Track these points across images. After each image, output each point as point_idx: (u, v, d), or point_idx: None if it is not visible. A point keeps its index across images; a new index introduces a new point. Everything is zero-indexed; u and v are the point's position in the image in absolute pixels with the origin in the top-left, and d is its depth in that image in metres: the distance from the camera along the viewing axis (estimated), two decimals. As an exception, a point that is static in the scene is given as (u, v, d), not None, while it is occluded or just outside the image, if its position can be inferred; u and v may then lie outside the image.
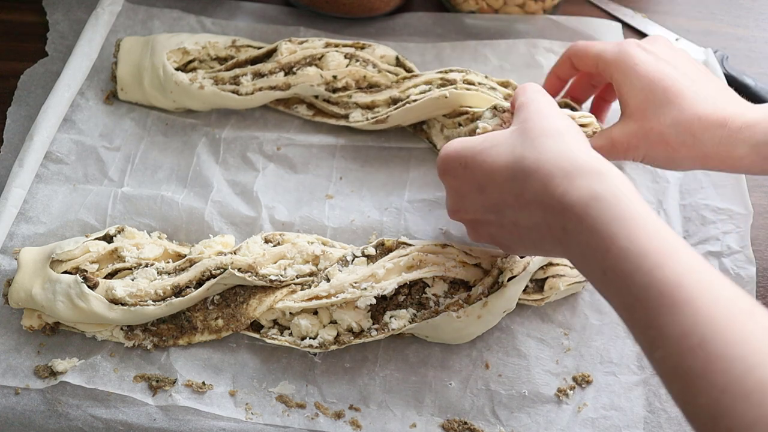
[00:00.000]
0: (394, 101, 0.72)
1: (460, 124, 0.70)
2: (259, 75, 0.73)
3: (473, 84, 0.71)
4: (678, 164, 0.60)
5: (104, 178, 0.71)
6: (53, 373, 0.60)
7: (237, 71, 0.73)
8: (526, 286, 0.63)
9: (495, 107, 0.64)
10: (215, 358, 0.62)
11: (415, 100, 0.70)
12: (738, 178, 0.70)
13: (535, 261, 0.61)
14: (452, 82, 0.71)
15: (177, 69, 0.74)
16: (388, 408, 0.60)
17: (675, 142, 0.58)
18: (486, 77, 0.73)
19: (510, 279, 0.59)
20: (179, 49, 0.75)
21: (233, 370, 0.61)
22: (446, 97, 0.69)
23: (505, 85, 0.72)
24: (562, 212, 0.46)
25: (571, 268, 0.63)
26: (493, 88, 0.72)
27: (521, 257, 0.61)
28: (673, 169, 0.63)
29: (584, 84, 0.69)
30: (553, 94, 0.69)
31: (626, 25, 0.86)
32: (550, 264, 0.63)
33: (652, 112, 0.58)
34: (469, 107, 0.69)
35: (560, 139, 0.49)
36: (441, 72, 0.73)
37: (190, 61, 0.76)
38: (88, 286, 0.59)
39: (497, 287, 0.60)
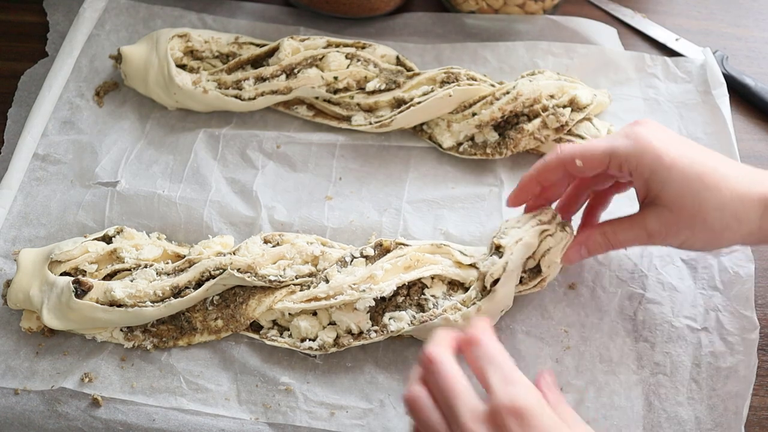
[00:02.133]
0: (398, 102, 0.73)
1: (474, 114, 0.70)
2: (260, 79, 0.73)
3: (475, 80, 0.72)
4: (719, 245, 0.59)
5: (103, 175, 0.71)
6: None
7: (239, 75, 0.73)
8: (521, 278, 0.62)
9: None
10: (215, 359, 0.62)
11: (419, 102, 0.70)
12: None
13: (515, 260, 0.59)
14: (456, 76, 0.71)
15: (180, 56, 0.74)
16: (389, 408, 0.60)
17: (719, 227, 0.56)
18: (484, 75, 0.74)
19: (495, 282, 0.59)
20: (183, 36, 0.75)
21: (233, 370, 0.61)
22: (450, 96, 0.70)
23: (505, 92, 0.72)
24: None
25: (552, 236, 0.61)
26: (492, 85, 0.72)
27: (499, 258, 0.59)
28: (710, 249, 0.61)
29: (577, 194, 0.64)
30: (526, 201, 0.63)
31: (626, 25, 0.86)
32: (535, 253, 0.61)
33: (691, 200, 0.56)
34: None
35: None
36: (443, 68, 0.73)
37: (192, 52, 0.76)
38: (83, 290, 0.59)
39: (487, 292, 0.60)
